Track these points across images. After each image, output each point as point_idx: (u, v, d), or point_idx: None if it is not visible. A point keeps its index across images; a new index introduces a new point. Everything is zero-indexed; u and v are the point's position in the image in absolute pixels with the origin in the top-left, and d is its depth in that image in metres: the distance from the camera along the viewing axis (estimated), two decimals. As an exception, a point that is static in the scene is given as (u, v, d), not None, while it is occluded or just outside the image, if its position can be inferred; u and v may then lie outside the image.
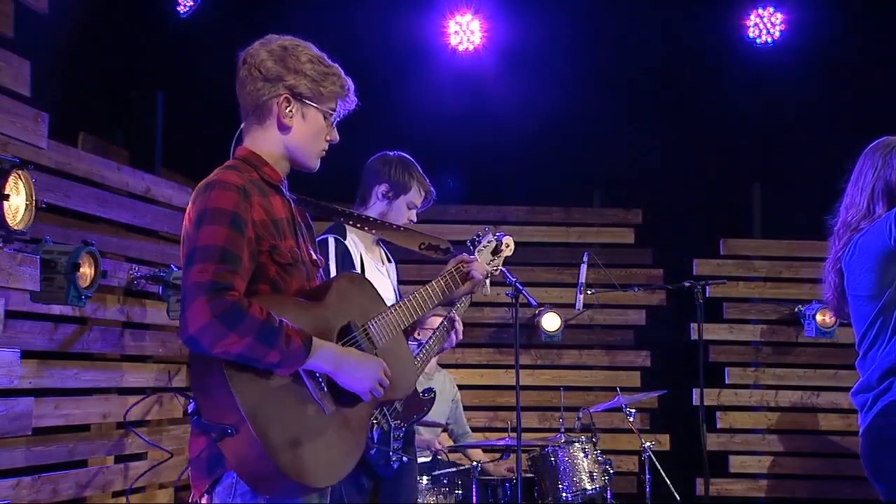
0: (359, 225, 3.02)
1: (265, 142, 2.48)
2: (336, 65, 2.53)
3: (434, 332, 3.60)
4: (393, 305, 2.67)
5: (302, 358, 2.27)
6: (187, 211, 2.34)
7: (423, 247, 2.86)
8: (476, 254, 3.22)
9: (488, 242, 3.31)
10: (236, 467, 2.24)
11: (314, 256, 2.58)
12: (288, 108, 2.45)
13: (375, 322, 2.57)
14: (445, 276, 2.98)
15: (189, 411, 2.29)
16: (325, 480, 2.33)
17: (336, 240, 3.52)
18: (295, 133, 2.47)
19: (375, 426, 3.43)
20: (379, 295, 2.65)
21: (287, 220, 2.47)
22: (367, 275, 3.52)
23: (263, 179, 2.44)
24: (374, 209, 3.70)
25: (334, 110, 2.52)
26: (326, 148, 2.55)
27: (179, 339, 2.22)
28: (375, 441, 3.41)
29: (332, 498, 3.20)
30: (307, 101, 2.46)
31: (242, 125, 2.52)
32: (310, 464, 2.26)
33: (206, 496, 2.31)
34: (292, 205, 2.54)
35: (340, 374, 2.35)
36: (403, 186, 3.69)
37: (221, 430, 2.20)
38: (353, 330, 2.48)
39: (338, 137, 2.56)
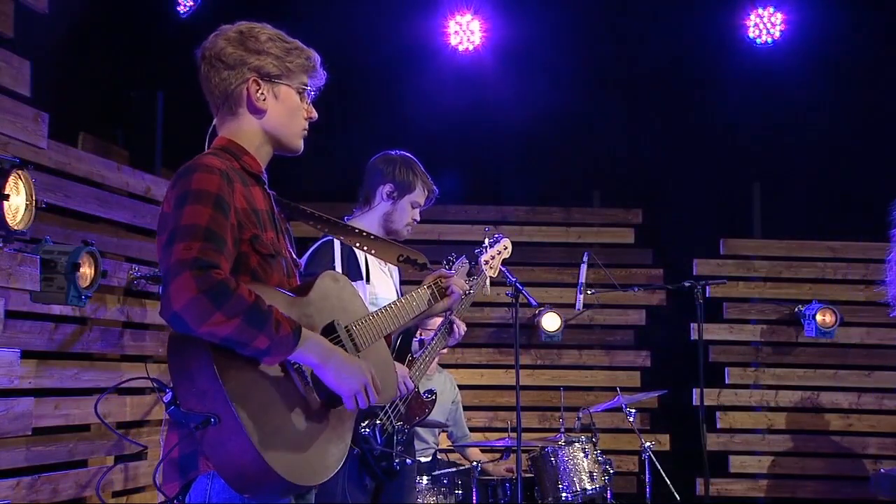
0: (343, 236, 2.95)
1: (242, 130, 2.38)
2: (297, 40, 2.43)
3: (436, 332, 3.61)
4: (376, 311, 2.61)
5: (291, 346, 2.13)
6: (165, 196, 2.21)
7: (400, 259, 2.82)
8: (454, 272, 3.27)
9: (462, 265, 3.42)
10: (215, 462, 2.07)
11: (294, 256, 2.48)
12: (258, 91, 2.35)
13: (359, 324, 2.46)
14: (426, 289, 3.01)
15: (165, 401, 2.11)
16: (308, 479, 2.17)
17: (340, 240, 3.51)
18: (271, 114, 2.38)
19: (378, 427, 3.43)
20: (360, 297, 2.57)
21: (267, 212, 2.36)
22: (371, 275, 3.53)
23: (244, 169, 2.34)
24: (379, 209, 3.69)
25: (306, 85, 2.42)
26: (307, 127, 2.46)
27: (161, 318, 2.07)
28: (379, 442, 3.41)
29: (335, 498, 3.22)
30: (276, 80, 2.37)
31: (215, 121, 2.42)
32: (295, 460, 2.13)
33: (177, 500, 2.16)
34: (272, 199, 2.44)
35: (327, 370, 2.21)
36: (408, 186, 3.68)
37: (203, 418, 2.04)
38: (336, 329, 2.36)
39: (316, 114, 2.46)
